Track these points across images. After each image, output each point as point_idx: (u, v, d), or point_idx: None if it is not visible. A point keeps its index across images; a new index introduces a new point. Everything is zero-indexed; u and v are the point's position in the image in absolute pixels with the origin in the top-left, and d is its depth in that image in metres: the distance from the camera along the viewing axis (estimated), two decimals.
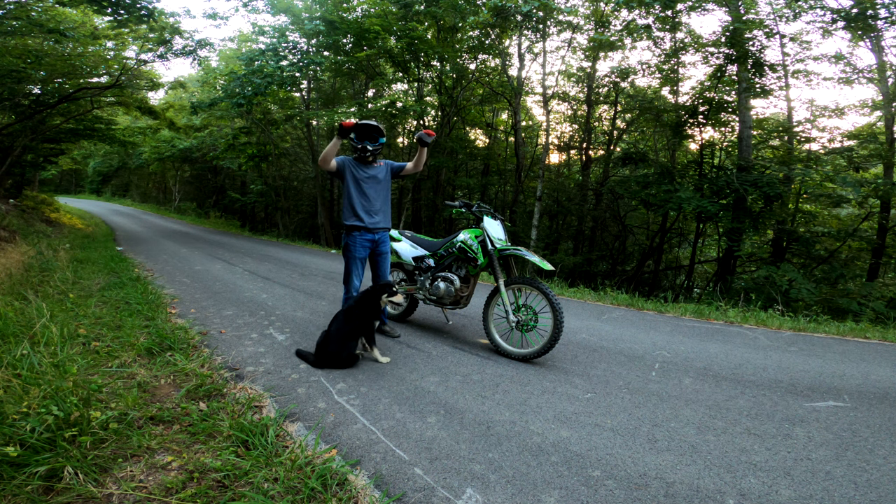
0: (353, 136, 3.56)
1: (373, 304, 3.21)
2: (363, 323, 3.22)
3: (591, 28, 11.87)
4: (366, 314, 3.21)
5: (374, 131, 3.55)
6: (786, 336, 4.42)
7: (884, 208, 8.77)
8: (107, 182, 37.39)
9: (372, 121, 3.57)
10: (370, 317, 3.23)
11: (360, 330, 3.22)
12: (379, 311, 3.25)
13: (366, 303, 3.20)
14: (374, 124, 3.54)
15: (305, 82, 14.92)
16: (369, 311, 3.21)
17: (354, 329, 3.18)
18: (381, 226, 3.66)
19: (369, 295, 3.22)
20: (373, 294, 3.21)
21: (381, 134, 3.58)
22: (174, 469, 1.91)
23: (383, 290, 3.22)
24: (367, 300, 3.21)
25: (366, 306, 3.20)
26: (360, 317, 3.20)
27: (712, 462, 2.12)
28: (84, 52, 10.35)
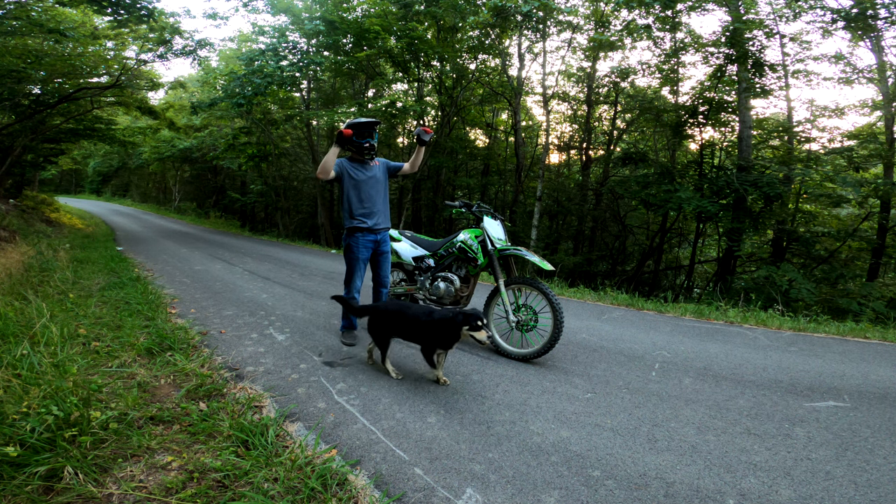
0: (353, 137, 3.56)
1: (451, 332, 2.77)
2: (432, 343, 2.86)
3: (591, 28, 11.87)
4: (438, 338, 2.83)
5: (372, 126, 3.55)
6: (786, 336, 4.42)
7: (884, 208, 8.77)
8: (107, 182, 37.40)
9: (364, 118, 3.57)
10: (439, 343, 2.84)
11: (428, 350, 2.92)
12: (453, 342, 2.83)
13: (445, 329, 2.78)
14: (371, 120, 3.55)
15: (305, 82, 14.92)
16: (442, 337, 2.81)
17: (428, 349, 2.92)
18: (382, 226, 3.66)
19: (452, 323, 2.75)
20: (457, 323, 2.74)
21: (375, 128, 3.58)
22: (174, 469, 1.91)
23: (468, 321, 2.73)
24: (447, 327, 2.77)
25: (443, 332, 2.79)
26: (431, 338, 2.85)
27: (712, 462, 2.12)
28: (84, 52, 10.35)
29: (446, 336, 2.80)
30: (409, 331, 2.97)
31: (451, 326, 2.75)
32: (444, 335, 2.80)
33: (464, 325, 2.72)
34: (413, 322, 2.92)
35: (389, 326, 3.03)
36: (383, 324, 3.04)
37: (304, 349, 3.51)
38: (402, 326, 2.98)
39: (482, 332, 2.73)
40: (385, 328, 3.04)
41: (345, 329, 3.79)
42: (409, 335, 3.00)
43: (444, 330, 2.78)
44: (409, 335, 3.00)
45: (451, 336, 2.78)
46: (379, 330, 3.07)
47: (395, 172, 3.77)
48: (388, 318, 3.03)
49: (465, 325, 2.72)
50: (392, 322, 3.01)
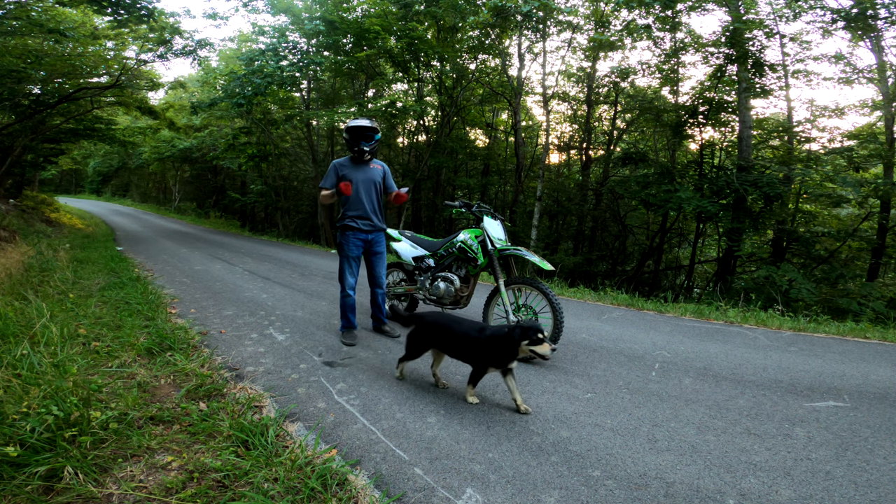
0: (346, 138, 3.58)
1: (507, 350, 2.51)
2: (484, 362, 2.59)
3: (591, 28, 11.87)
4: (491, 357, 2.56)
5: (368, 130, 3.57)
6: (786, 336, 4.42)
7: (884, 208, 8.77)
8: (107, 182, 37.40)
9: (363, 120, 3.57)
10: (492, 362, 2.56)
11: (480, 371, 2.64)
12: (508, 361, 2.54)
13: (499, 346, 2.51)
14: (367, 124, 3.55)
15: (305, 82, 14.92)
16: (497, 355, 2.54)
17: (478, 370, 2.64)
18: (374, 226, 3.67)
19: (508, 340, 2.48)
20: (514, 339, 2.47)
21: (374, 131, 3.60)
22: (174, 469, 1.91)
23: (526, 335, 2.47)
24: (502, 344, 2.51)
25: (497, 350, 2.53)
26: (484, 357, 2.57)
27: (712, 462, 2.12)
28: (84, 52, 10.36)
29: (501, 354, 2.52)
30: (456, 347, 2.71)
31: (507, 343, 2.49)
32: (499, 353, 2.52)
33: (522, 339, 2.46)
34: (462, 339, 2.65)
35: (432, 340, 2.80)
36: (426, 336, 2.81)
37: (304, 349, 3.51)
38: (448, 342, 2.73)
39: (545, 346, 2.47)
40: (426, 341, 2.82)
41: (345, 329, 3.79)
42: (456, 352, 2.72)
43: (498, 347, 2.51)
44: (456, 352, 2.72)
45: (506, 354, 2.51)
46: (418, 341, 2.84)
47: (387, 190, 3.78)
48: (433, 332, 2.79)
49: (524, 340, 2.46)
50: (437, 336, 2.78)
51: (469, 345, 2.62)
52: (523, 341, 2.47)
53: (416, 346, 2.86)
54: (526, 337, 2.47)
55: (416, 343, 2.86)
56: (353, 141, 3.56)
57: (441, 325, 2.77)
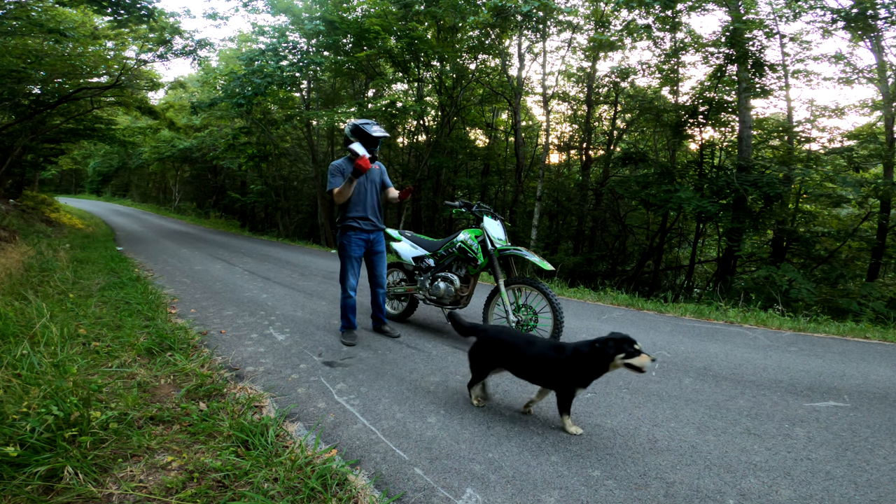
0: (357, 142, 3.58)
1: (596, 367, 2.26)
2: (570, 383, 2.33)
3: (591, 28, 11.87)
4: (577, 377, 2.30)
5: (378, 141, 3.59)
6: (786, 336, 4.42)
7: (884, 208, 8.76)
8: (107, 182, 37.40)
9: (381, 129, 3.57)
10: (579, 381, 2.32)
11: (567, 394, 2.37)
12: (595, 377, 2.31)
13: (588, 364, 2.27)
14: (387, 135, 3.60)
15: (305, 82, 14.92)
16: (584, 374, 2.30)
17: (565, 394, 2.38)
18: (375, 226, 3.69)
19: (599, 356, 2.24)
20: (607, 355, 2.22)
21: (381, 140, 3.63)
22: (174, 469, 1.91)
23: (621, 347, 2.22)
24: (591, 361, 2.26)
25: (585, 368, 2.28)
26: (568, 378, 2.31)
27: (712, 462, 2.12)
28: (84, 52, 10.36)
29: (588, 373, 2.29)
30: (529, 369, 2.44)
31: (598, 359, 2.24)
32: (586, 372, 2.28)
33: (617, 354, 2.22)
34: (538, 361, 2.38)
35: (500, 358, 2.51)
36: (490, 355, 2.53)
37: (304, 349, 3.51)
38: (518, 362, 2.46)
39: (643, 357, 2.20)
40: (491, 360, 2.53)
41: (345, 329, 3.79)
42: (529, 374, 2.45)
43: (585, 365, 2.27)
44: (529, 374, 2.45)
45: (594, 372, 2.28)
46: (482, 360, 2.56)
47: (384, 188, 3.79)
48: (499, 350, 2.50)
49: (620, 354, 2.22)
50: (504, 355, 2.49)
51: (548, 366, 2.35)
52: (618, 355, 2.22)
53: (480, 365, 2.57)
54: (621, 350, 2.22)
55: (480, 362, 2.56)
56: (367, 145, 3.56)
57: (509, 343, 2.48)
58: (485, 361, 2.55)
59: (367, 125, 3.56)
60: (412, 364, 3.28)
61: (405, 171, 15.59)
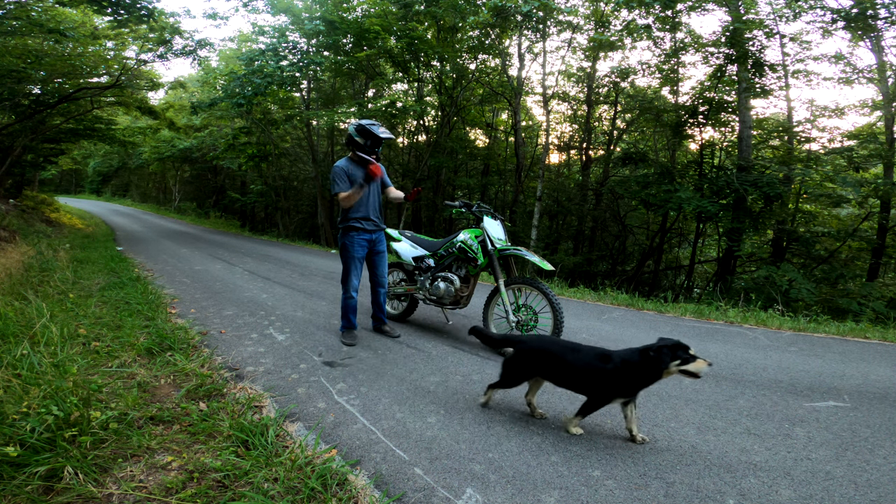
0: (362, 142, 3.59)
1: (648, 374, 2.17)
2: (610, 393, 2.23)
3: (591, 28, 11.87)
4: (623, 386, 2.20)
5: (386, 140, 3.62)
6: (786, 336, 4.42)
7: (884, 208, 8.76)
8: (107, 182, 37.41)
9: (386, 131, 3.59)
10: (623, 391, 2.22)
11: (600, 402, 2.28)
12: (652, 383, 2.21)
13: (641, 372, 2.16)
14: (392, 137, 3.62)
15: (305, 82, 14.93)
16: (632, 383, 2.20)
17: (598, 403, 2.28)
18: (377, 226, 3.70)
19: (652, 363, 2.14)
20: (661, 362, 2.12)
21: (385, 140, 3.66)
22: (174, 469, 1.91)
23: (676, 354, 2.13)
24: (643, 369, 2.16)
25: (636, 376, 2.17)
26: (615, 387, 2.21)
27: (712, 462, 2.12)
28: (84, 52, 10.36)
29: (637, 382, 2.19)
30: (572, 378, 2.32)
31: (650, 368, 2.14)
32: (635, 381, 2.18)
33: (672, 361, 2.12)
34: (583, 370, 2.27)
35: (538, 368, 2.40)
36: (529, 364, 2.41)
37: (304, 349, 3.51)
38: (560, 372, 2.34)
39: (700, 363, 2.12)
40: (529, 369, 2.42)
41: (345, 329, 3.79)
42: (571, 383, 2.35)
43: (635, 374, 2.17)
44: (571, 383, 2.35)
45: (644, 381, 2.18)
46: (518, 369, 2.44)
47: (384, 187, 3.81)
48: (540, 360, 2.38)
49: (675, 361, 2.12)
50: (545, 365, 2.37)
51: (593, 376, 2.24)
52: (674, 363, 2.12)
53: (514, 373, 2.45)
54: (676, 357, 2.12)
55: (516, 371, 2.44)
56: (373, 146, 3.57)
57: (550, 352, 2.36)
58: (521, 371, 2.44)
59: (373, 126, 3.57)
60: (412, 364, 3.28)
61: (405, 171, 15.59)
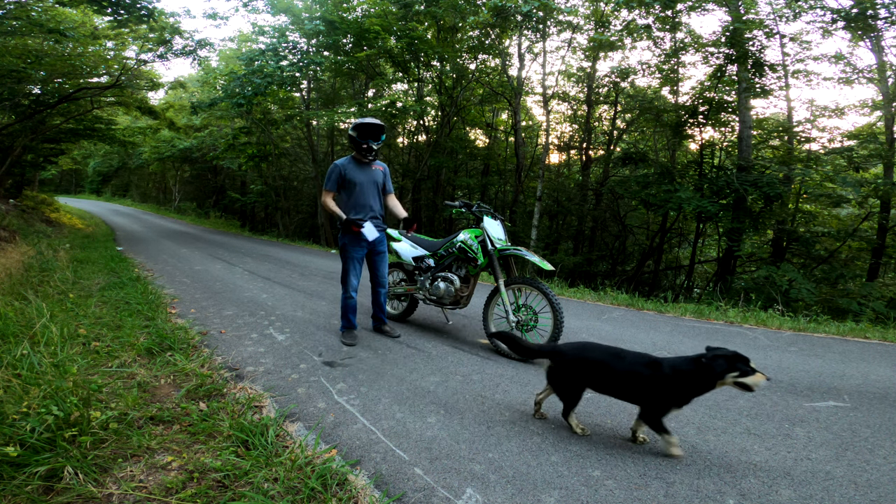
0: (353, 136, 3.58)
1: (701, 384, 2.07)
2: (664, 403, 2.13)
3: (591, 28, 11.87)
4: (675, 396, 2.11)
5: (378, 130, 3.58)
6: (786, 336, 4.42)
7: (884, 208, 8.76)
8: (107, 182, 37.40)
9: (372, 119, 3.59)
10: (676, 400, 2.11)
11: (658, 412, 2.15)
12: (704, 392, 2.10)
13: (692, 381, 2.07)
14: (379, 123, 3.58)
15: (305, 82, 14.92)
16: (684, 392, 2.10)
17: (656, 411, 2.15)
18: (377, 227, 3.69)
19: (706, 372, 2.03)
20: (715, 372, 2.01)
21: (383, 132, 3.62)
22: (174, 469, 1.91)
23: (733, 365, 2.01)
24: (695, 379, 2.06)
25: (687, 385, 2.08)
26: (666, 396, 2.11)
27: (712, 462, 2.12)
28: (84, 52, 10.36)
29: (689, 390, 2.09)
30: (619, 386, 2.24)
31: (703, 377, 2.04)
32: (686, 389, 2.09)
33: (728, 372, 2.00)
34: (630, 377, 2.17)
35: (585, 379, 2.30)
36: (576, 376, 2.29)
37: (304, 349, 3.51)
38: (607, 380, 2.25)
39: (758, 376, 1.99)
40: (579, 381, 2.31)
41: (345, 329, 3.79)
42: (619, 391, 2.26)
43: (686, 383, 2.07)
44: (619, 391, 2.26)
45: (697, 390, 2.08)
46: (568, 383, 2.32)
47: (385, 192, 3.82)
48: (584, 370, 2.28)
49: (731, 373, 2.00)
50: (590, 374, 2.27)
51: (640, 383, 2.15)
52: (730, 374, 2.00)
53: (569, 390, 2.34)
54: (733, 369, 2.00)
55: (567, 386, 2.33)
56: (362, 139, 3.56)
57: (594, 360, 2.26)
58: (571, 385, 2.31)
59: (364, 118, 3.60)
60: (412, 364, 3.28)
61: (405, 171, 15.59)
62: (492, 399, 2.74)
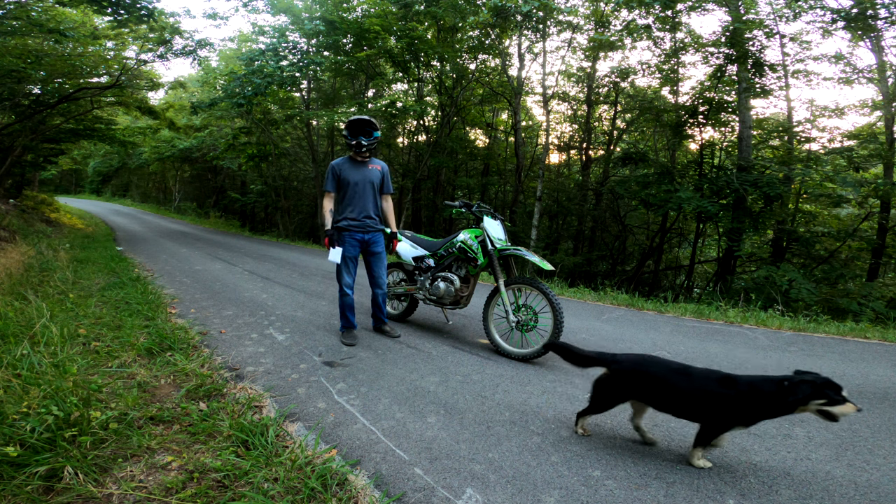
0: (346, 134, 3.58)
1: (783, 407, 1.89)
2: (732, 421, 1.97)
3: (591, 28, 11.87)
4: (750, 414, 1.94)
5: (367, 125, 3.57)
6: (786, 336, 4.42)
7: (884, 208, 8.77)
8: (107, 182, 37.41)
9: (357, 116, 3.58)
10: (743, 419, 1.96)
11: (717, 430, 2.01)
12: (785, 413, 1.91)
13: (769, 402, 1.90)
14: (366, 118, 3.56)
15: (305, 82, 14.92)
16: (762, 411, 1.93)
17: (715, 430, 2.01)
18: (371, 227, 3.67)
19: (787, 394, 1.86)
20: (797, 398, 1.84)
21: (374, 128, 3.60)
22: (174, 469, 1.91)
23: (821, 392, 1.83)
24: (774, 401, 1.89)
25: (763, 406, 1.91)
26: (734, 415, 1.95)
27: (712, 462, 2.12)
28: (84, 52, 10.35)
29: (765, 412, 1.93)
30: (679, 403, 2.05)
31: (785, 400, 1.86)
32: (763, 410, 1.92)
33: (812, 399, 1.83)
34: (698, 395, 2.00)
35: (636, 391, 2.14)
36: (626, 386, 2.15)
37: (304, 349, 3.51)
38: (664, 395, 2.07)
39: (848, 407, 1.81)
40: (625, 392, 2.16)
41: (345, 329, 3.79)
42: (678, 408, 2.07)
43: (767, 403, 1.90)
44: (678, 408, 2.07)
45: (774, 411, 1.92)
46: (612, 392, 2.18)
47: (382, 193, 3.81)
48: (639, 382, 2.11)
49: (817, 400, 1.83)
50: (645, 387, 2.10)
51: (710, 402, 1.97)
52: (815, 401, 1.83)
53: (607, 397, 2.20)
54: (819, 396, 1.82)
55: (609, 393, 2.19)
56: (352, 136, 3.56)
57: (653, 375, 2.09)
58: (616, 394, 2.18)
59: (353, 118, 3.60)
60: (412, 364, 3.28)
61: (405, 171, 15.59)
62: (492, 399, 2.74)
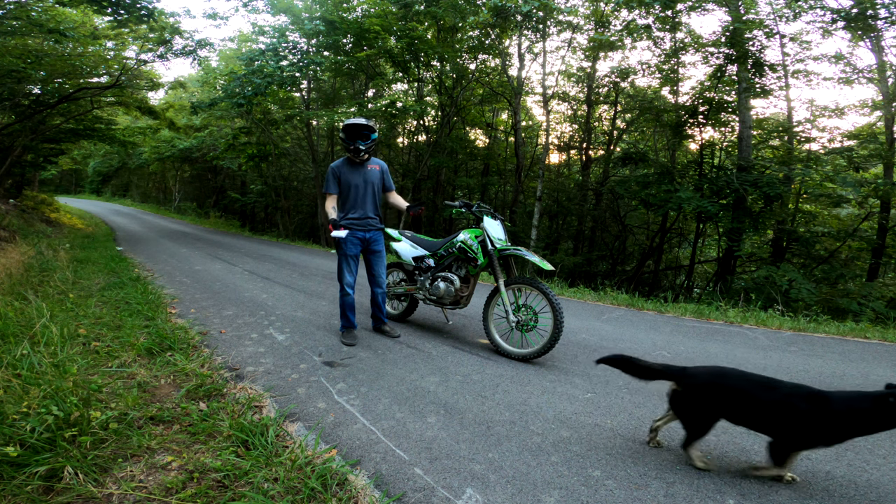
0: (343, 137, 3.58)
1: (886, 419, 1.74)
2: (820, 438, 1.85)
3: (591, 28, 11.88)
4: (841, 431, 1.81)
5: (364, 129, 3.57)
6: (786, 336, 4.42)
7: (884, 208, 8.76)
8: (107, 182, 37.40)
9: (358, 119, 3.59)
10: (831, 438, 1.84)
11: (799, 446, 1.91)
12: (883, 429, 1.77)
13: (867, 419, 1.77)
14: (363, 122, 3.57)
15: (305, 82, 14.92)
16: (853, 429, 1.80)
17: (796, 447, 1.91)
18: (371, 226, 3.69)
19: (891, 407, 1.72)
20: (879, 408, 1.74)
21: (371, 130, 3.60)
22: (174, 469, 1.91)
23: None
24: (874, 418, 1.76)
25: (860, 423, 1.78)
26: (824, 433, 1.83)
27: (712, 462, 2.12)
28: (84, 52, 10.36)
29: (859, 429, 1.79)
30: (765, 418, 1.92)
31: (885, 417, 1.73)
32: (858, 428, 1.79)
33: None
34: (786, 412, 1.85)
35: (720, 408, 1.99)
36: (709, 404, 2.00)
37: (304, 349, 3.51)
38: (749, 411, 1.95)
39: None
40: (712, 410, 2.00)
41: (345, 329, 3.79)
42: (760, 424, 1.95)
43: (864, 421, 1.77)
44: (760, 424, 1.95)
45: (869, 428, 1.78)
46: (698, 412, 2.02)
47: (385, 190, 3.82)
48: (720, 397, 1.98)
49: None
50: (728, 403, 1.97)
51: (801, 419, 1.83)
52: None
53: (697, 419, 2.03)
54: None
55: (696, 415, 2.03)
56: (350, 140, 3.56)
57: (733, 388, 1.97)
58: (701, 414, 2.02)
59: (349, 119, 3.61)
60: (412, 364, 3.28)
61: (405, 171, 15.59)
62: (492, 399, 2.74)
